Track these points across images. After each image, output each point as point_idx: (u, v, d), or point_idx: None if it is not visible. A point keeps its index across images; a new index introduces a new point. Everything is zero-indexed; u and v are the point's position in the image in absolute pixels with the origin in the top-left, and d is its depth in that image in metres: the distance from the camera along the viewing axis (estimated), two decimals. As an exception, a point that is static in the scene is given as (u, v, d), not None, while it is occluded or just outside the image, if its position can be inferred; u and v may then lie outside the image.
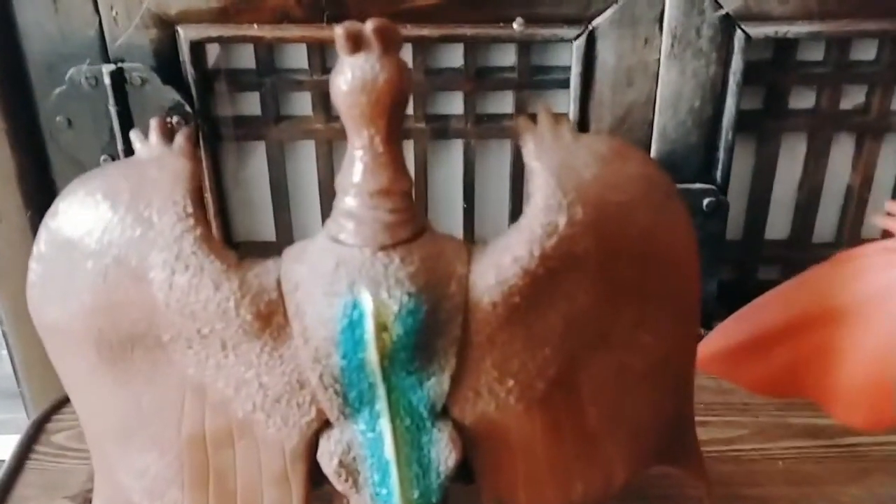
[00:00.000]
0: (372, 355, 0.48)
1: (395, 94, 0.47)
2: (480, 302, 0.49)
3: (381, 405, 0.51)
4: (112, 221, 0.50)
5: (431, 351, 0.49)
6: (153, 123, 0.53)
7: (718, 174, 0.78)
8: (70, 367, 0.55)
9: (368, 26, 0.45)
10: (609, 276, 0.52)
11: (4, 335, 0.93)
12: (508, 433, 0.54)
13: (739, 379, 0.69)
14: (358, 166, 0.48)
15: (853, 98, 0.82)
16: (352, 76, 0.46)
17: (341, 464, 0.52)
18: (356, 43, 0.46)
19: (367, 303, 0.47)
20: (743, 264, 0.87)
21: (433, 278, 0.48)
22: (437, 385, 0.51)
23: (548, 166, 0.50)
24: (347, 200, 0.48)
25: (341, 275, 0.47)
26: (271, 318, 0.49)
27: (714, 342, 0.69)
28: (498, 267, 0.49)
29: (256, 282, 0.49)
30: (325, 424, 0.52)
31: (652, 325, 0.55)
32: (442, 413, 0.52)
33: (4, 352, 1.03)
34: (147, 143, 0.53)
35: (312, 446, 0.53)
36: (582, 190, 0.50)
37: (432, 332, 0.49)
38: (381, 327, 0.47)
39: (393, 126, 0.48)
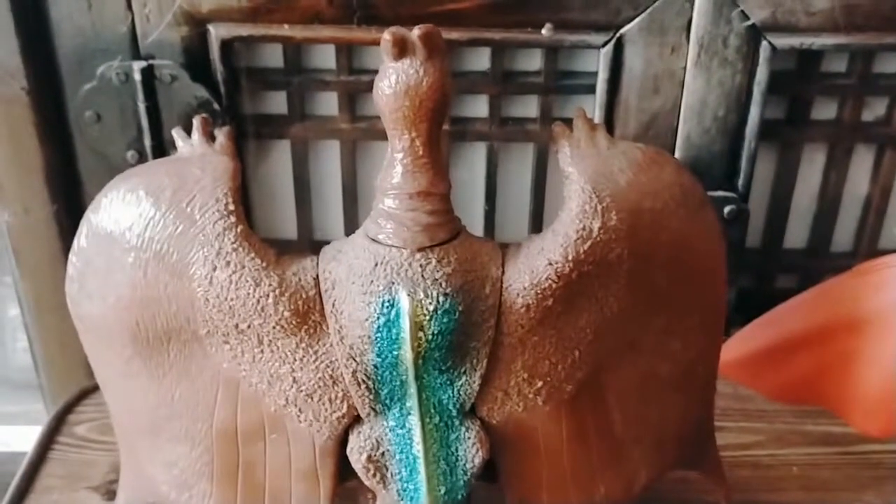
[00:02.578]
0: (406, 354, 0.49)
1: (438, 99, 0.47)
2: (514, 304, 0.50)
3: (412, 402, 0.52)
4: (154, 217, 0.50)
5: (464, 351, 0.50)
6: (196, 122, 0.54)
7: (740, 182, 0.79)
8: (105, 359, 0.56)
9: (415, 32, 0.46)
10: (640, 282, 0.52)
11: (26, 326, 0.93)
12: (535, 434, 0.54)
13: (758, 386, 0.70)
14: (398, 168, 0.49)
15: (875, 110, 0.82)
16: (396, 80, 0.47)
17: (370, 459, 0.53)
18: (402, 48, 0.47)
19: (404, 302, 0.48)
20: (762, 273, 0.88)
21: (469, 280, 0.49)
22: (467, 384, 0.52)
23: (583, 172, 0.51)
24: (387, 202, 0.49)
25: (379, 274, 0.48)
26: (308, 315, 0.50)
27: (733, 349, 0.69)
28: (532, 270, 0.50)
29: (295, 280, 0.50)
30: (356, 420, 0.53)
31: (680, 332, 0.56)
32: (470, 412, 0.53)
33: (20, 344, 1.05)
34: (189, 142, 0.54)
35: (342, 442, 0.54)
36: (617, 196, 0.50)
37: (466, 332, 0.50)
38: (418, 326, 0.48)
39: (434, 130, 0.48)
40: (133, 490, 0.62)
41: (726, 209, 0.78)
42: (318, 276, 0.50)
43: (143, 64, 0.76)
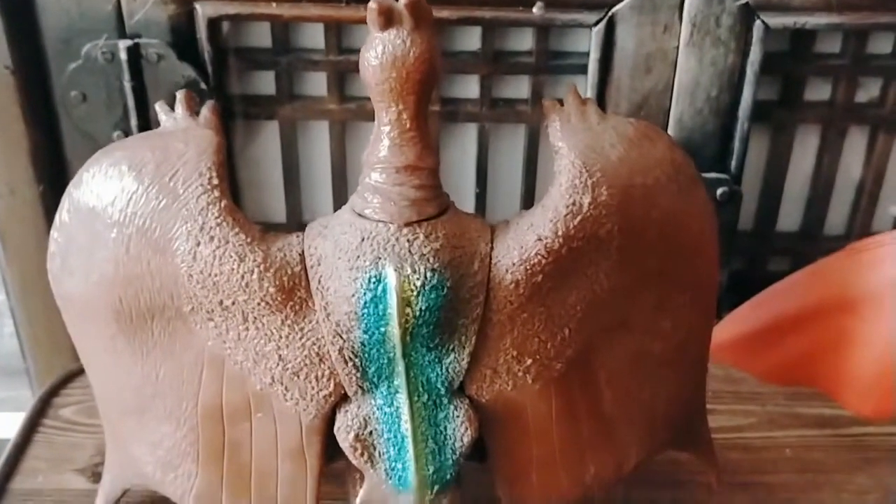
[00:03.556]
0: (394, 330, 0.48)
1: (426, 71, 0.47)
2: (503, 280, 0.49)
3: (400, 381, 0.51)
4: (137, 192, 0.50)
5: (452, 328, 0.49)
6: (179, 96, 0.53)
7: (733, 164, 0.78)
8: (88, 338, 0.55)
9: (402, 2, 0.45)
10: (631, 259, 0.52)
11: (12, 311, 0.92)
12: (524, 413, 0.54)
13: (750, 367, 0.70)
14: (385, 142, 0.48)
15: (869, 91, 0.82)
16: (382, 51, 0.46)
17: (357, 438, 0.52)
18: (388, 18, 0.46)
19: (391, 277, 0.47)
20: (754, 255, 0.88)
21: (457, 256, 0.48)
22: (455, 362, 0.51)
23: (574, 147, 0.50)
24: (374, 176, 0.48)
25: (366, 250, 0.48)
26: (294, 291, 0.49)
27: (725, 330, 0.69)
28: (521, 246, 0.49)
29: (280, 255, 0.49)
30: (343, 399, 0.52)
31: (671, 310, 0.55)
32: (459, 391, 0.52)
33: (7, 329, 1.04)
34: (173, 116, 0.53)
35: (329, 421, 0.53)
36: (607, 171, 0.50)
37: (454, 309, 0.49)
38: (405, 302, 0.47)
39: (422, 103, 0.48)
40: (118, 471, 0.61)
41: (719, 191, 0.78)
42: (303, 252, 0.49)
43: (130, 43, 0.75)
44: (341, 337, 0.49)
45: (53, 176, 0.81)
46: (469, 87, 0.81)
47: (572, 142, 0.50)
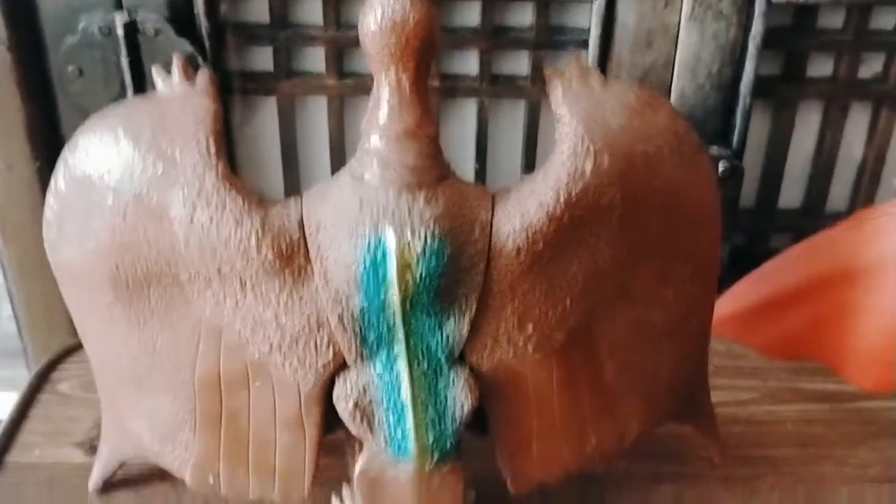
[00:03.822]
0: (394, 297, 0.48)
1: (425, 35, 0.46)
2: (504, 248, 0.49)
3: (399, 348, 0.50)
4: (133, 158, 0.49)
5: (453, 296, 0.49)
6: (176, 61, 0.52)
7: (735, 139, 0.78)
8: (85, 308, 0.55)
9: (400, -35, 0.45)
10: (633, 228, 0.51)
11: (9, 291, 0.92)
12: (525, 383, 0.53)
13: (752, 341, 0.69)
14: (384, 108, 0.47)
15: (871, 66, 0.81)
16: (381, 15, 0.46)
17: (357, 406, 0.52)
18: (387, -18, 0.45)
19: (391, 242, 0.47)
20: (755, 232, 0.87)
21: (458, 222, 0.48)
22: (456, 330, 0.50)
23: (576, 113, 0.49)
24: (373, 141, 0.48)
25: (365, 215, 0.47)
26: (292, 258, 0.49)
27: (727, 304, 0.69)
28: (523, 213, 0.48)
29: (278, 221, 0.48)
30: (342, 367, 0.52)
31: (673, 281, 0.55)
32: (459, 359, 0.52)
33: (5, 312, 1.03)
34: (169, 81, 0.53)
35: (328, 390, 0.52)
36: (610, 138, 0.49)
37: (455, 276, 0.48)
38: (405, 267, 0.47)
39: (421, 69, 0.47)
40: (115, 443, 0.61)
41: (720, 166, 0.77)
42: (302, 218, 0.49)
43: (127, 17, 0.75)
44: (340, 304, 0.49)
45: (50, 152, 0.80)
46: (468, 63, 0.81)
47: (574, 109, 0.49)
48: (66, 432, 0.69)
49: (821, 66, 0.81)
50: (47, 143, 0.80)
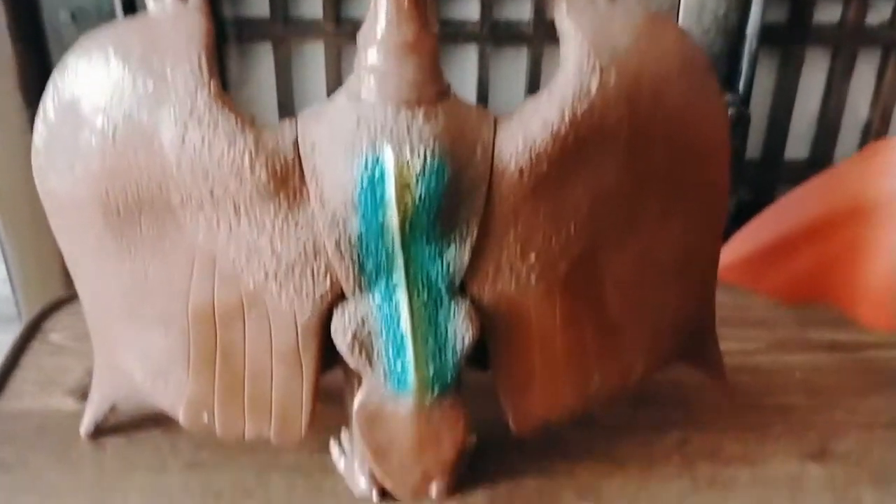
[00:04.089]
0: (392, 218, 0.46)
1: (424, -61, 0.44)
2: (506, 169, 0.47)
3: (399, 277, 0.49)
4: (123, 77, 0.47)
5: (453, 219, 0.47)
6: (168, -22, 0.51)
7: (741, 85, 0.76)
8: (75, 239, 0.53)
9: None
10: (639, 154, 0.50)
11: (3, 252, 0.90)
12: (527, 315, 0.52)
13: (760, 286, 0.68)
14: (382, 19, 0.46)
15: (880, 12, 0.80)
16: (379, -83, 0.44)
17: (355, 338, 0.50)
18: None
19: (389, 160, 0.45)
20: (762, 184, 0.86)
21: (458, 141, 0.46)
22: (457, 257, 0.49)
23: (580, 29, 0.48)
24: (370, 55, 0.46)
25: (362, 132, 0.45)
26: (287, 179, 0.47)
27: (734, 249, 0.67)
28: (526, 132, 0.47)
29: (272, 141, 0.47)
30: (339, 298, 0.50)
31: (680, 213, 0.53)
32: (460, 291, 0.50)
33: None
34: (161, 1, 0.51)
35: (325, 322, 0.51)
36: (616, 56, 0.48)
37: (455, 198, 0.47)
38: (404, 187, 0.45)
39: (420, -24, 0.45)
40: (107, 384, 0.59)
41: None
42: (297, 138, 0.47)
43: (120, -40, 0.73)
44: (337, 228, 0.47)
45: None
46: (469, 8, 0.79)
47: (579, 23, 0.48)
48: (57, 381, 0.68)
49: (828, 13, 0.80)
50: (40, 91, 0.78)
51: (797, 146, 0.85)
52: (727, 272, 0.64)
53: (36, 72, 0.78)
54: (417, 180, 0.45)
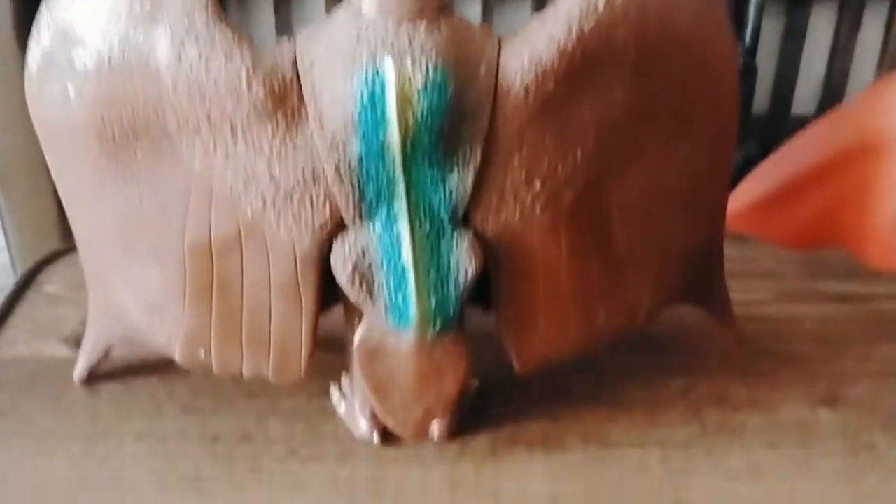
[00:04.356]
0: (393, 136, 0.45)
1: None
2: (511, 88, 0.46)
3: (400, 205, 0.47)
4: (118, -2, 0.46)
5: (456, 140, 0.46)
6: None
7: (748, 34, 0.75)
8: (69, 169, 0.52)
9: None
10: (648, 76, 0.48)
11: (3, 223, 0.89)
12: (532, 247, 0.50)
13: (768, 233, 0.66)
14: (382, -68, 0.44)
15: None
16: None
17: (356, 269, 0.49)
18: None
19: (389, 73, 0.44)
20: (769, 140, 0.84)
21: (462, 56, 0.45)
22: (460, 184, 0.47)
23: (587, -56, 0.46)
24: (370, -33, 0.45)
25: (362, 46, 0.44)
26: (285, 98, 0.46)
27: (741, 196, 0.66)
28: (532, 48, 0.45)
29: (270, 59, 0.46)
30: (340, 228, 0.49)
31: (688, 139, 0.52)
32: (463, 222, 0.49)
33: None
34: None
35: (325, 254, 0.49)
36: (623, -28, 0.46)
37: (458, 117, 0.45)
38: (405, 102, 0.44)
39: None
40: (101, 325, 0.58)
41: (733, 63, 0.74)
42: (295, 56, 0.46)
43: None
44: (337, 150, 0.46)
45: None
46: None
47: (585, -60, 0.46)
48: (51, 329, 0.66)
49: (836, -36, 0.79)
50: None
51: (805, 102, 0.83)
52: (733, 220, 0.62)
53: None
54: (419, 95, 0.44)
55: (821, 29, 0.80)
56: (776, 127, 0.83)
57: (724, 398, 0.60)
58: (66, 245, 0.73)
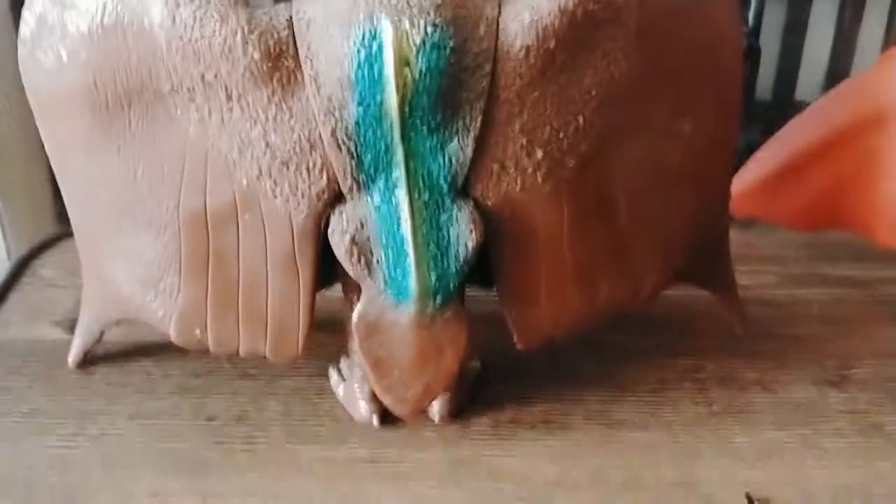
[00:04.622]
0: (391, 96, 0.43)
1: None
2: (511, 48, 0.45)
3: (399, 173, 0.46)
4: (112, -43, 0.45)
5: (456, 103, 0.45)
6: None
7: (751, 13, 0.74)
8: (62, 138, 0.51)
9: None
10: (648, 45, 0.47)
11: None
12: (533, 220, 0.49)
13: (774, 214, 0.66)
14: None
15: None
16: None
17: (354, 242, 0.48)
18: None
19: (387, 32, 0.42)
20: (772, 126, 0.83)
21: (461, 14, 0.44)
22: (459, 150, 0.46)
23: None
24: (367, -74, 0.44)
25: (359, 6, 0.43)
26: (280, 59, 0.45)
27: (747, 175, 0.65)
28: (533, 6, 0.44)
29: (265, 18, 0.45)
30: (337, 199, 0.48)
31: (691, 112, 0.51)
32: (463, 193, 0.48)
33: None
34: None
35: (322, 226, 0.48)
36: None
37: (458, 78, 0.44)
38: (403, 61, 0.43)
39: None
40: (97, 305, 0.57)
41: (736, 45, 0.73)
42: (291, 17, 0.45)
43: None
44: (334, 114, 0.45)
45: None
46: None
47: None
48: (45, 312, 0.66)
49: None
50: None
51: (809, 90, 0.82)
52: (739, 202, 0.61)
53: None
54: (418, 53, 0.43)
55: (824, 15, 0.79)
56: (779, 113, 0.82)
57: (730, 378, 0.59)
58: (62, 231, 0.72)
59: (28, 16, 0.48)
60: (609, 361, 0.60)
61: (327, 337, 0.57)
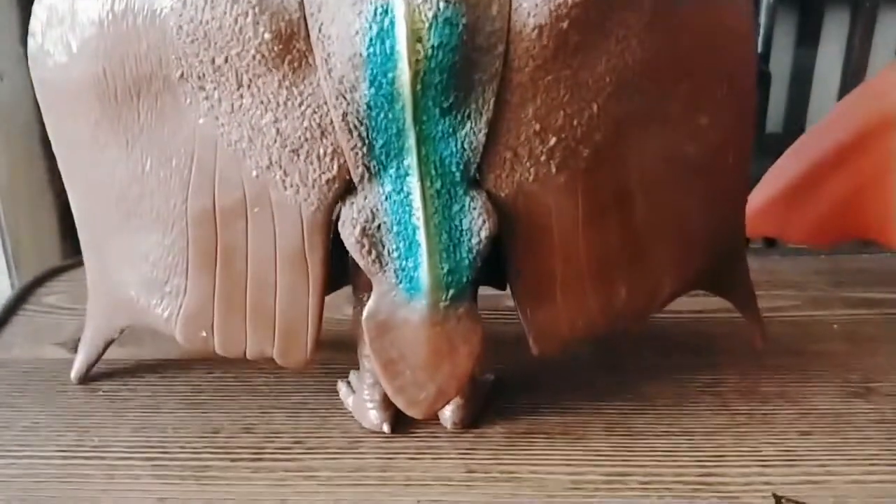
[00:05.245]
0: (403, 74, 0.43)
1: None
2: (525, 27, 0.44)
3: (411, 160, 0.45)
4: (123, -57, 0.45)
5: (468, 84, 0.44)
6: None
7: (759, 39, 0.74)
8: (69, 134, 0.50)
9: None
10: (663, 35, 0.47)
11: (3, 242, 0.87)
12: (547, 213, 0.48)
13: (790, 230, 0.64)
14: None
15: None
16: None
17: (364, 233, 0.47)
18: None
19: (399, 7, 0.42)
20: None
21: (473, -8, 0.43)
22: (472, 135, 0.45)
23: None
24: None
25: (371, -17, 0.43)
26: (291, 41, 0.44)
27: (761, 194, 0.64)
28: (546, -15, 0.44)
29: (277, 1, 0.44)
30: (347, 190, 0.47)
31: (707, 106, 0.50)
32: (475, 183, 0.47)
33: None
34: None
35: (332, 219, 0.47)
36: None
37: (470, 58, 0.44)
38: (415, 37, 0.42)
39: None
40: (101, 314, 0.56)
41: (746, 72, 0.73)
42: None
43: None
44: (345, 97, 0.44)
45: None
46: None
47: None
48: (48, 335, 0.64)
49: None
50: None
51: (819, 116, 0.82)
52: (753, 220, 0.60)
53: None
54: (430, 28, 0.42)
55: (834, 39, 0.79)
56: (790, 144, 0.82)
57: (752, 392, 0.58)
58: (67, 263, 0.71)
59: (38, 8, 0.48)
60: (629, 377, 0.59)
61: (336, 354, 0.56)
